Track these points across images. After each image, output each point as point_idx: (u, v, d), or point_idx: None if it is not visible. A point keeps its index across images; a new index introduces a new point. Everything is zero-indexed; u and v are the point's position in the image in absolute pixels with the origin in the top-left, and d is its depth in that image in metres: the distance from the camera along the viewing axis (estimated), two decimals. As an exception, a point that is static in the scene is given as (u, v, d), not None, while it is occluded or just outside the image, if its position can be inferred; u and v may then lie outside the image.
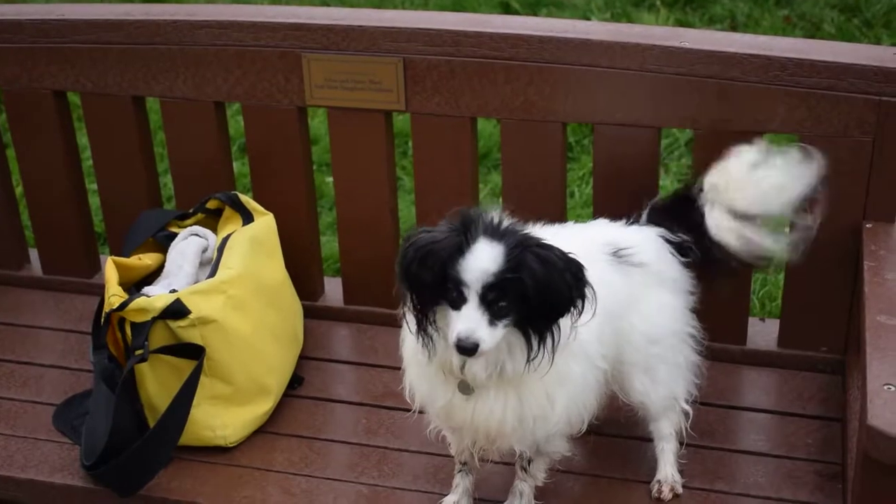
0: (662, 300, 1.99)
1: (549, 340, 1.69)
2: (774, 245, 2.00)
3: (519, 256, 1.63)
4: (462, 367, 1.73)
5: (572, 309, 1.68)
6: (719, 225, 2.01)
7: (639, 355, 1.96)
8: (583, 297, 1.68)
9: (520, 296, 1.63)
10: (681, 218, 2.06)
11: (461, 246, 1.64)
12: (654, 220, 2.08)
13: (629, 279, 1.93)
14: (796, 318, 2.30)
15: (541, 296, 1.63)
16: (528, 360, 1.69)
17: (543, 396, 1.78)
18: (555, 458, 1.95)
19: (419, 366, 1.82)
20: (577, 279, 1.68)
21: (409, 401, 1.89)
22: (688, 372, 2.03)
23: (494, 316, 1.64)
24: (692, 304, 2.05)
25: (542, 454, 1.92)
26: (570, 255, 1.69)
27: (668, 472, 2.03)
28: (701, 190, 2.04)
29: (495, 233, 1.66)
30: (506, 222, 1.70)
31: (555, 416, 1.80)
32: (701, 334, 2.05)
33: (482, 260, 1.63)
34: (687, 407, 2.04)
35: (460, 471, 2.00)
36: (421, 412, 1.92)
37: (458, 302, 1.65)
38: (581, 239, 1.93)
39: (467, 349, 1.63)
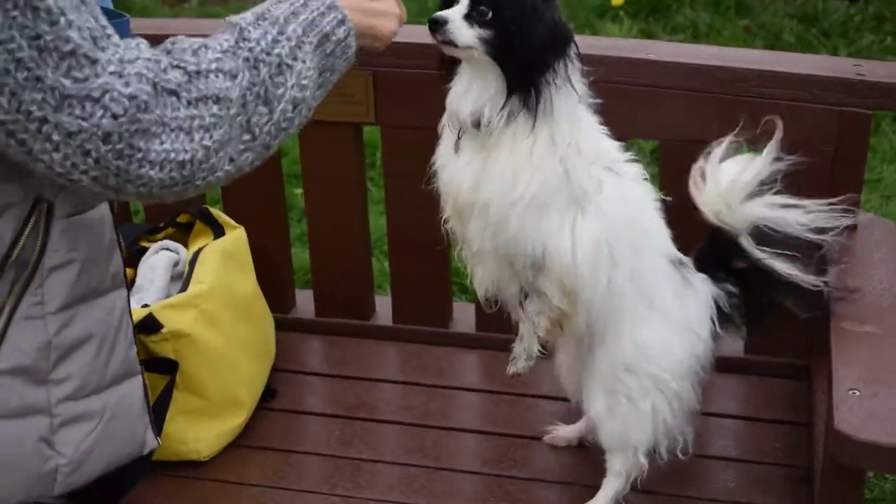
0: (667, 337, 1.89)
1: (526, 98, 1.71)
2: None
3: None
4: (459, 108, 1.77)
5: (544, 61, 1.69)
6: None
7: (612, 372, 1.89)
8: (556, 56, 1.70)
9: (504, 23, 1.69)
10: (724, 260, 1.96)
11: None
12: (703, 268, 1.97)
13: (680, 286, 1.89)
14: (762, 325, 2.33)
15: (514, 23, 1.68)
16: (501, 107, 1.71)
17: (507, 170, 1.75)
18: (550, 310, 1.85)
19: (447, 130, 1.85)
20: (557, 31, 1.70)
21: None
22: (653, 424, 1.92)
23: (476, 20, 1.70)
24: (700, 378, 1.96)
25: (535, 293, 1.84)
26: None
27: None
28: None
29: None
30: None
31: (513, 195, 1.74)
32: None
33: None
34: (643, 460, 1.93)
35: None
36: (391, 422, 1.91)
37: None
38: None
39: (435, 20, 1.70)
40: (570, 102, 1.75)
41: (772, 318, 2.02)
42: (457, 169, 1.81)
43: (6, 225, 1.39)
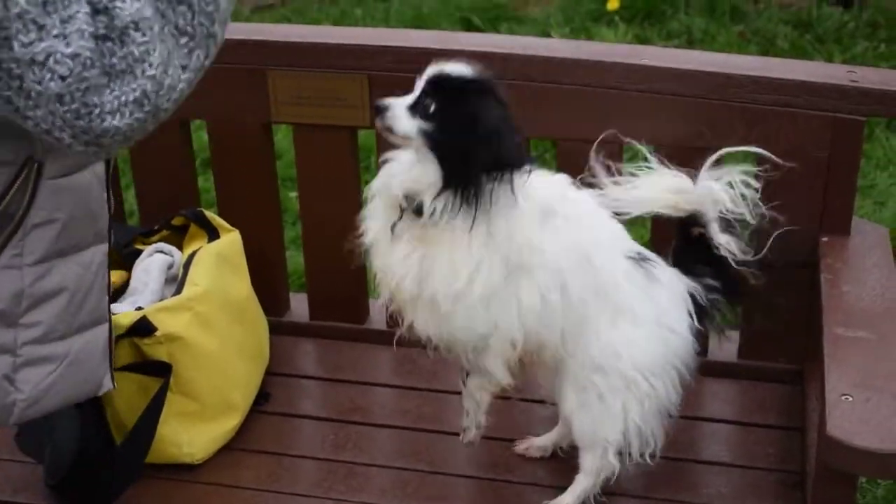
0: (636, 335, 1.89)
1: (463, 193, 1.71)
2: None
3: (479, 87, 1.73)
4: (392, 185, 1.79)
5: (477, 170, 1.69)
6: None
7: (581, 371, 1.90)
8: (493, 160, 1.70)
9: (444, 121, 1.71)
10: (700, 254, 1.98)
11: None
12: (680, 264, 1.99)
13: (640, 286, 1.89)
14: (756, 330, 2.34)
15: (453, 125, 1.69)
16: (434, 197, 1.72)
17: (447, 266, 1.76)
18: (491, 386, 1.91)
19: (378, 200, 1.87)
20: (497, 134, 1.70)
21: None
22: (623, 423, 1.91)
23: (419, 112, 1.73)
24: (680, 376, 1.94)
25: (477, 371, 1.89)
26: (514, 130, 1.74)
27: (566, 501, 1.99)
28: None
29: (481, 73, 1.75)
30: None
31: (456, 286, 1.76)
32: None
33: (448, 66, 1.75)
34: (615, 462, 1.94)
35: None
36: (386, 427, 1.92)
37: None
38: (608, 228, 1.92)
39: (377, 106, 1.75)
40: (509, 198, 1.74)
41: (759, 313, 2.03)
42: (394, 261, 1.81)
43: None
